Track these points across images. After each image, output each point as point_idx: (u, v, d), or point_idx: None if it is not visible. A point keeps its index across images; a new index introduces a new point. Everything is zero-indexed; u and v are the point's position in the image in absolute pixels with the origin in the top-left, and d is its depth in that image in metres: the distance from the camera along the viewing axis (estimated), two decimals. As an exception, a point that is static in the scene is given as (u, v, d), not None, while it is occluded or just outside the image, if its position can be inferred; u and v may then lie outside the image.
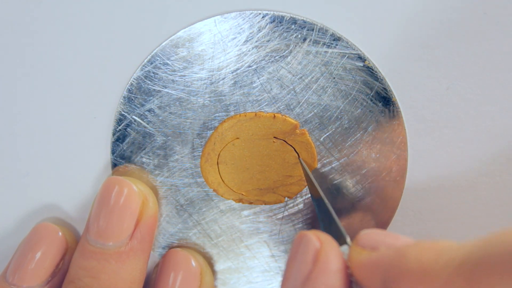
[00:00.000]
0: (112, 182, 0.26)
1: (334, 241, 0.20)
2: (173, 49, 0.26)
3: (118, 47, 0.26)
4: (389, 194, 0.28)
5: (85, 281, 0.25)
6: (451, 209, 0.28)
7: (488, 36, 0.26)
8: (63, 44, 0.26)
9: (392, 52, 0.26)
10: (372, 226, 0.28)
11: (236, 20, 0.26)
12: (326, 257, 0.19)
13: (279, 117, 0.27)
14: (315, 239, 0.20)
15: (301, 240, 0.20)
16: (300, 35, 0.26)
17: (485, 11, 0.25)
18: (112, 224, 0.25)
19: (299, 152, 0.27)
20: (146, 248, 0.26)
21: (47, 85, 0.26)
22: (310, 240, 0.20)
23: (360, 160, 0.27)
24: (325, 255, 0.19)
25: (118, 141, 0.27)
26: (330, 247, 0.19)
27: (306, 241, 0.20)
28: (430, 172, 0.28)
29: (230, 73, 0.26)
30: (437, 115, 0.27)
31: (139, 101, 0.27)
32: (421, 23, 0.25)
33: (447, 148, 0.27)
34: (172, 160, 0.28)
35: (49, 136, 0.27)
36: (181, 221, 0.29)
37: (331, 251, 0.19)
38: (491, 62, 0.26)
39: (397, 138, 0.27)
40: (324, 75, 0.26)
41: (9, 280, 0.26)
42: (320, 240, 0.20)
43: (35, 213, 0.28)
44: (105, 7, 0.25)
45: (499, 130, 0.27)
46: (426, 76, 0.26)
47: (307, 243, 0.20)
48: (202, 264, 0.28)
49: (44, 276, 0.26)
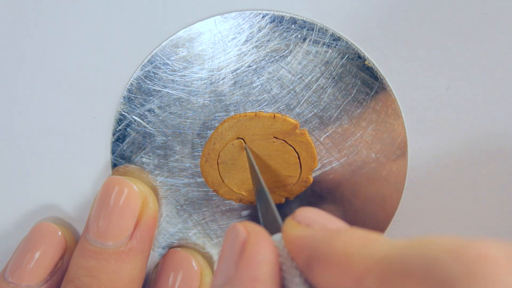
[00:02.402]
0: (112, 182, 0.26)
1: (264, 232, 0.19)
2: (173, 49, 0.26)
3: (118, 47, 0.26)
4: (389, 194, 0.28)
5: (85, 281, 0.25)
6: (451, 209, 0.28)
7: (488, 36, 0.26)
8: (63, 44, 0.26)
9: (392, 52, 0.26)
10: (372, 226, 0.28)
11: (236, 20, 0.26)
12: (252, 248, 0.18)
13: (279, 117, 0.27)
14: (242, 229, 0.19)
15: (230, 232, 0.19)
16: (300, 35, 0.26)
17: (485, 11, 0.25)
18: (112, 224, 0.25)
19: (299, 152, 0.27)
20: (146, 248, 0.26)
21: (47, 85, 0.27)
22: (237, 231, 0.19)
23: (360, 160, 0.27)
24: (251, 246, 0.18)
25: (118, 141, 0.27)
26: (257, 238, 0.19)
27: (234, 232, 0.19)
28: (430, 172, 0.28)
29: (230, 73, 0.26)
30: (437, 115, 0.27)
31: (139, 101, 0.27)
32: (421, 23, 0.25)
33: (447, 148, 0.27)
34: (172, 160, 0.28)
35: (49, 136, 0.27)
36: (181, 221, 0.29)
37: (258, 242, 0.18)
38: (491, 62, 0.26)
39: (397, 138, 0.27)
40: (324, 75, 0.26)
41: (8, 279, 0.26)
42: (247, 230, 0.19)
43: (35, 212, 0.28)
44: (105, 7, 0.25)
45: (499, 130, 0.27)
46: (426, 76, 0.26)
47: (235, 234, 0.19)
48: (202, 264, 0.28)
49: (43, 275, 0.26)
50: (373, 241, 0.16)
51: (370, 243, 0.16)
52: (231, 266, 0.18)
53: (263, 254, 0.18)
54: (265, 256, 0.18)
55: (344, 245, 0.17)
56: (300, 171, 0.27)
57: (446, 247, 0.14)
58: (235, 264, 0.18)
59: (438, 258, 0.14)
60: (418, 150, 0.27)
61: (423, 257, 0.14)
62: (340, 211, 0.28)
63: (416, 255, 0.14)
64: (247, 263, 0.18)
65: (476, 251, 0.14)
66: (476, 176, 0.28)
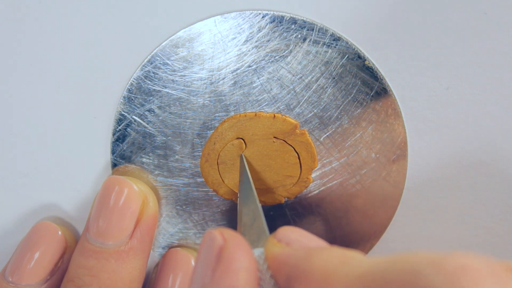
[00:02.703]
0: (112, 182, 0.26)
1: (242, 239, 0.19)
2: (173, 49, 0.26)
3: (118, 47, 0.26)
4: (389, 194, 0.28)
5: (85, 280, 0.25)
6: (451, 209, 0.28)
7: (488, 36, 0.26)
8: (63, 44, 0.26)
9: (392, 52, 0.26)
10: (372, 226, 0.28)
11: (236, 20, 0.26)
12: (229, 255, 0.18)
13: (279, 117, 0.27)
14: (219, 236, 0.19)
15: (206, 237, 0.19)
16: (300, 35, 0.26)
17: (485, 11, 0.25)
18: (112, 224, 0.25)
19: (299, 152, 0.27)
20: (146, 248, 0.26)
21: (47, 85, 0.27)
22: (214, 237, 0.19)
23: (360, 160, 0.27)
24: (228, 252, 0.18)
25: (118, 141, 0.27)
26: (235, 245, 0.18)
27: (210, 238, 0.19)
28: (430, 172, 0.28)
29: (230, 73, 0.26)
30: (437, 115, 0.27)
31: (139, 101, 0.27)
32: (421, 23, 0.25)
33: (447, 148, 0.27)
34: (172, 160, 0.28)
35: (49, 136, 0.27)
36: (181, 221, 0.29)
37: (235, 249, 0.18)
38: (491, 62, 0.26)
39: (397, 138, 0.27)
40: (324, 75, 0.26)
41: (8, 278, 0.26)
42: (224, 237, 0.19)
43: (35, 212, 0.28)
44: (105, 7, 0.25)
45: (499, 130, 0.27)
46: (426, 76, 0.26)
47: (211, 240, 0.19)
48: (202, 264, 0.28)
49: (43, 274, 0.26)
50: (352, 259, 0.16)
51: (349, 261, 0.16)
52: (208, 272, 0.18)
53: (241, 261, 0.18)
54: (243, 264, 0.18)
55: (324, 263, 0.17)
56: (300, 171, 0.27)
57: (427, 260, 0.14)
58: (211, 270, 0.18)
59: (420, 271, 0.14)
60: (418, 150, 0.27)
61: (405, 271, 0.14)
62: (340, 212, 0.28)
63: (398, 269, 0.15)
64: (224, 270, 0.18)
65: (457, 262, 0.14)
66: (476, 176, 0.28)
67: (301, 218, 0.29)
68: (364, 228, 0.28)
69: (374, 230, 0.28)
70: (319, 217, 0.29)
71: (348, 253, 0.17)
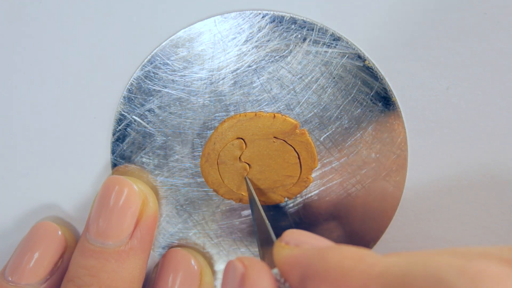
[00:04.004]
0: (112, 182, 0.26)
1: (261, 262, 0.20)
2: (173, 49, 0.26)
3: (118, 47, 0.26)
4: (389, 194, 0.28)
5: (85, 280, 0.25)
6: (451, 209, 0.28)
7: (488, 36, 0.26)
8: (63, 44, 0.26)
9: (392, 52, 0.26)
10: (372, 226, 0.28)
11: (236, 20, 0.26)
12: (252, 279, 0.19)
13: (279, 117, 0.27)
14: (239, 264, 0.20)
15: (228, 268, 0.21)
16: (300, 35, 0.26)
17: (485, 11, 0.25)
18: (112, 224, 0.25)
19: (299, 152, 0.27)
20: (146, 248, 0.26)
21: (47, 85, 0.27)
22: (235, 266, 0.20)
23: (360, 160, 0.27)
24: (250, 277, 0.19)
25: (118, 141, 0.27)
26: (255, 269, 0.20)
27: (232, 268, 0.20)
28: (430, 172, 0.28)
29: (230, 73, 0.26)
30: (437, 115, 0.27)
31: (139, 101, 0.27)
32: (421, 23, 0.25)
33: (447, 148, 0.27)
34: (172, 160, 0.28)
35: (49, 136, 0.27)
36: (181, 221, 0.29)
37: (256, 272, 0.19)
38: (491, 62, 0.26)
39: (397, 138, 0.27)
40: (324, 75, 0.26)
41: (8, 278, 0.26)
42: (244, 264, 0.20)
43: (35, 212, 0.28)
44: (105, 7, 0.25)
45: (499, 130, 0.27)
46: (426, 76, 0.26)
47: (233, 269, 0.20)
48: (202, 264, 0.28)
49: (43, 274, 0.26)
50: (367, 257, 0.17)
51: (365, 258, 0.17)
52: None
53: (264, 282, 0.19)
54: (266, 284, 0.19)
55: (340, 260, 0.17)
56: (300, 171, 0.27)
57: (449, 264, 0.15)
58: None
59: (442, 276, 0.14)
60: (418, 150, 0.27)
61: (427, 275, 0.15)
62: (340, 212, 0.28)
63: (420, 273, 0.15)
64: None
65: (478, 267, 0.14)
66: (476, 176, 0.28)
67: (301, 218, 0.29)
68: (364, 228, 0.28)
69: (374, 230, 0.28)
70: (319, 217, 0.29)
71: (362, 251, 0.17)
